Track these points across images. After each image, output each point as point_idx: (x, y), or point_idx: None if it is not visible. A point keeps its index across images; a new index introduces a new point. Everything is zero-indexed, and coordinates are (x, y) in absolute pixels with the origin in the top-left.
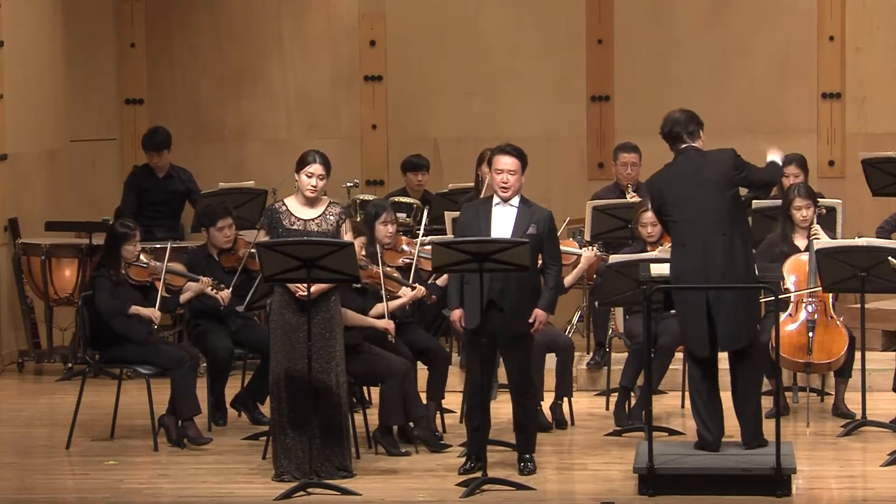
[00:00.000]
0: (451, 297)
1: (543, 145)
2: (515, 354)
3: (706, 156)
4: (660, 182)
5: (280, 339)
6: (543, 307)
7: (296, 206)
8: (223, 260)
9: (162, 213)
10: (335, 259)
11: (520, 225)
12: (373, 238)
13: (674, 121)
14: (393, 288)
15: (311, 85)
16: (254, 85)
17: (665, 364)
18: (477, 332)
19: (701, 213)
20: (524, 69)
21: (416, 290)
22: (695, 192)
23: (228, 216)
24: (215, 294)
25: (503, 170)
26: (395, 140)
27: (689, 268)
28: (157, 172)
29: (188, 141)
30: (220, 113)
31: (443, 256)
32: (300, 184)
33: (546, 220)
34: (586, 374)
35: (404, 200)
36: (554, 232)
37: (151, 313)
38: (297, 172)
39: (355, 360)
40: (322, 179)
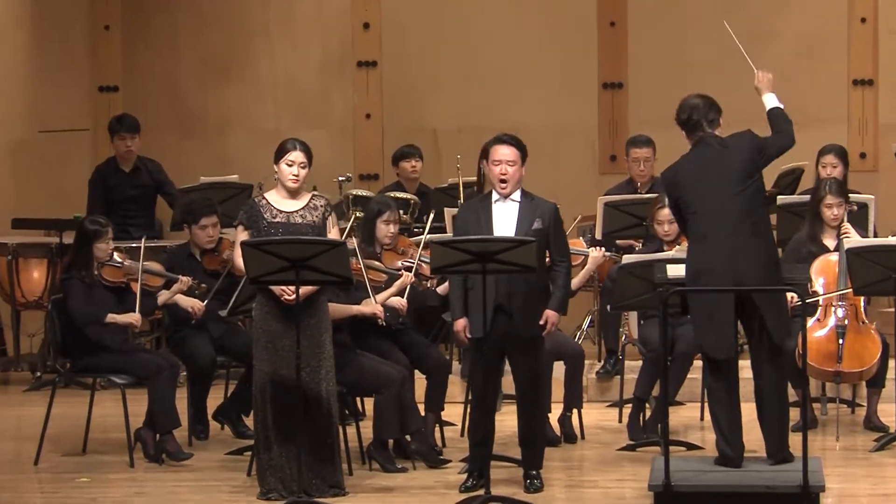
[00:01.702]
0: (454, 306)
1: (551, 136)
2: (525, 361)
3: (727, 143)
4: (677, 174)
5: (264, 346)
6: (555, 307)
7: (277, 199)
8: (206, 261)
9: (134, 211)
10: (327, 259)
11: (523, 221)
12: (372, 237)
13: (692, 107)
14: (377, 278)
15: (299, 71)
16: (238, 71)
17: (683, 373)
18: (483, 340)
19: (724, 204)
20: (530, 54)
21: (404, 276)
22: (717, 182)
23: (213, 214)
24: (189, 307)
25: (501, 160)
26: (391, 131)
27: (712, 262)
28: (122, 166)
29: (167, 132)
30: (202, 102)
31: (442, 257)
32: (280, 175)
33: (551, 214)
34: (597, 383)
35: (400, 196)
36: (560, 225)
37: (130, 319)
38: (276, 163)
39: (347, 369)
40: (304, 168)
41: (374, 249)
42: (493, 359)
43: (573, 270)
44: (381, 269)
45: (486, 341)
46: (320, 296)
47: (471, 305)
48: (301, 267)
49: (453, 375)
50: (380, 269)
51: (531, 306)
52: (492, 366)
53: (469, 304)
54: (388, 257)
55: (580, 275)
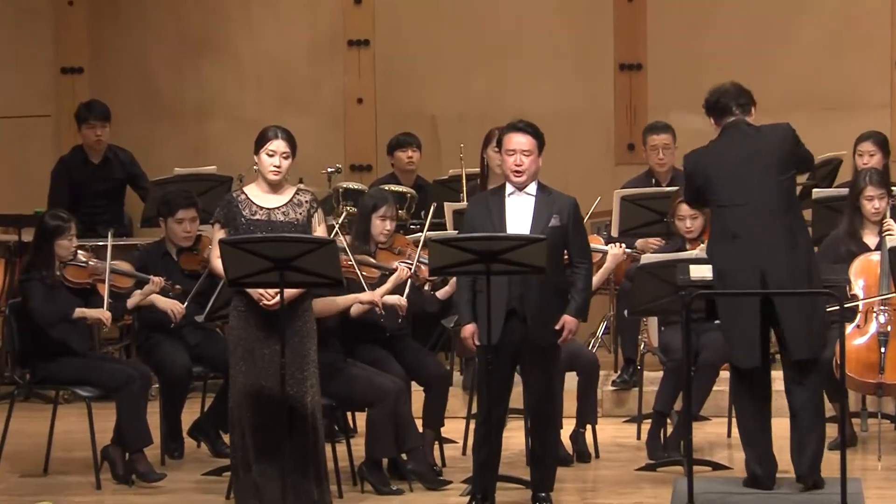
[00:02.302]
0: (462, 310)
1: (562, 123)
2: (539, 372)
3: (760, 130)
4: (704, 158)
5: (241, 356)
6: (573, 313)
7: (257, 194)
8: (183, 261)
9: (102, 206)
10: (314, 259)
11: (539, 216)
12: (367, 234)
13: (722, 91)
14: (370, 275)
15: (284, 51)
16: (216, 52)
17: (708, 385)
18: (494, 348)
19: (757, 197)
20: (539, 32)
21: (399, 270)
22: (749, 172)
23: (192, 207)
24: (168, 310)
25: (516, 150)
26: (385, 117)
27: (743, 263)
28: (91, 157)
29: (136, 119)
30: (176, 85)
31: (442, 256)
32: (261, 166)
33: (570, 210)
34: (613, 396)
35: (396, 189)
36: (580, 222)
37: (100, 314)
38: (256, 153)
39: (336, 380)
40: (287, 159)
41: (368, 248)
42: (504, 368)
43: None
44: (372, 265)
45: (496, 349)
46: (305, 299)
47: (480, 310)
48: (286, 268)
49: (454, 388)
50: (372, 264)
51: (547, 311)
52: (502, 376)
53: (479, 308)
54: (384, 257)
55: (597, 274)
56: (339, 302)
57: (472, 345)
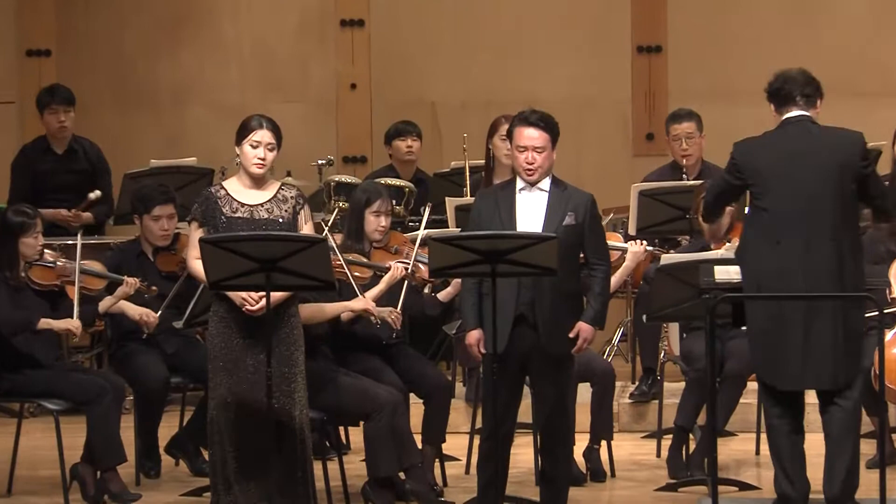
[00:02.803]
0: (467, 315)
1: (574, 111)
2: (550, 383)
3: (826, 132)
4: (755, 150)
5: (222, 366)
6: (589, 320)
7: (238, 189)
8: (160, 261)
9: (69, 201)
10: (304, 259)
11: (553, 214)
12: (360, 231)
13: (787, 77)
14: (362, 275)
15: (270, 32)
16: (196, 33)
17: (734, 397)
18: (499, 358)
19: (808, 207)
20: (549, 12)
21: (392, 269)
22: (805, 176)
23: (169, 203)
24: (140, 318)
25: (527, 147)
26: (381, 104)
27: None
28: (54, 146)
29: (109, 106)
30: (152, 69)
31: (443, 256)
32: (243, 158)
33: (586, 207)
34: (631, 409)
35: (393, 183)
36: (598, 220)
37: (68, 325)
38: (238, 144)
39: (326, 391)
40: (272, 150)
41: (362, 246)
42: (512, 379)
43: None
44: (363, 265)
45: (503, 358)
46: (292, 305)
47: (486, 315)
48: (272, 269)
49: (457, 400)
50: (363, 264)
51: (560, 317)
52: (510, 387)
53: (485, 313)
54: (380, 256)
55: (615, 275)
56: (328, 309)
57: (477, 353)
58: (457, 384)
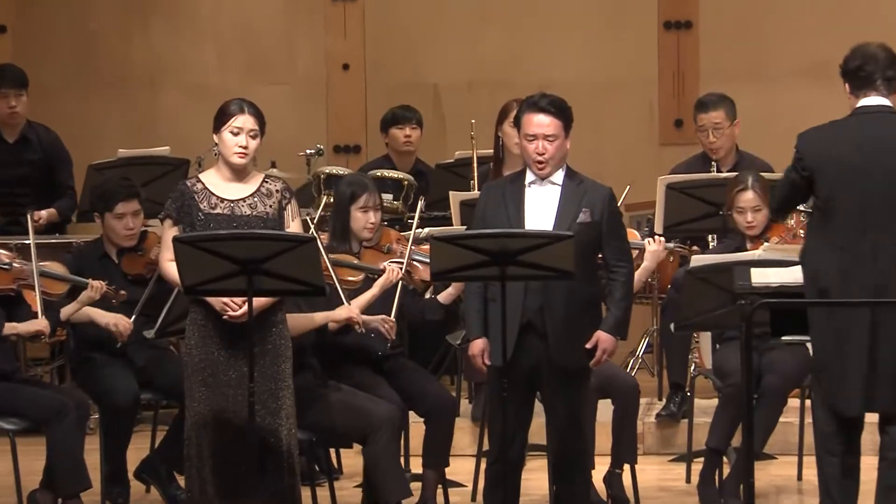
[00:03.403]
0: (470, 322)
1: (594, 95)
2: (564, 400)
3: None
4: (822, 142)
5: (200, 380)
6: (610, 329)
7: (216, 182)
8: (126, 263)
9: (23, 196)
10: (291, 260)
11: (566, 210)
12: (345, 231)
13: (867, 55)
14: (353, 278)
15: (252, 7)
16: (170, 7)
17: (773, 415)
18: (506, 372)
19: (880, 208)
20: None
21: (387, 272)
22: (878, 175)
23: (133, 198)
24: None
25: (537, 135)
26: (377, 86)
27: (845, 281)
28: (5, 134)
29: (71, 88)
30: (121, 48)
31: (446, 257)
32: (223, 147)
33: (605, 202)
34: (657, 430)
35: (389, 175)
36: (618, 217)
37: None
38: (216, 132)
39: (316, 409)
40: (255, 138)
41: (348, 248)
42: (521, 395)
43: None
44: (354, 267)
45: (509, 371)
46: (278, 311)
47: (492, 322)
48: (255, 271)
49: (462, 419)
50: (353, 266)
51: (575, 326)
52: (518, 404)
53: (490, 320)
54: (371, 257)
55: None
56: (317, 318)
57: (481, 364)
58: (462, 401)
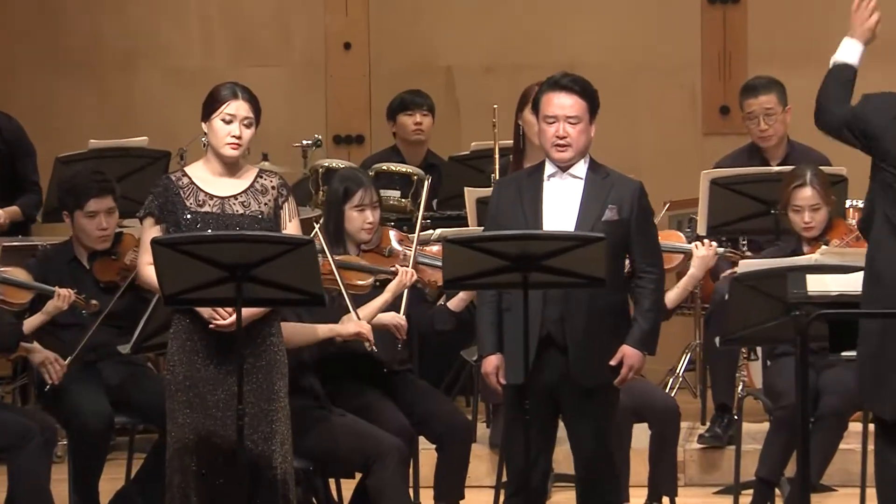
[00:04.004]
0: (483, 335)
1: (627, 78)
2: (588, 424)
3: None
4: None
5: (185, 400)
6: (636, 343)
7: (205, 177)
8: (98, 269)
9: None
10: (284, 265)
11: (589, 206)
12: (340, 233)
13: None
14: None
15: None
16: None
17: (832, 442)
18: (524, 390)
19: None
20: None
21: (400, 274)
22: None
23: (108, 194)
24: (42, 364)
25: (558, 117)
26: (382, 69)
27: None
28: None
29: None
30: (93, 26)
31: (460, 263)
32: (213, 137)
33: (633, 197)
34: (700, 457)
35: (397, 169)
36: (648, 215)
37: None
38: (206, 120)
39: (314, 433)
40: (249, 127)
41: (344, 252)
42: (542, 418)
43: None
44: (363, 269)
45: (527, 390)
46: (272, 323)
47: (508, 335)
48: (245, 278)
49: (478, 445)
50: (361, 267)
51: (599, 339)
52: (539, 428)
53: (506, 333)
54: (371, 261)
55: (678, 287)
56: (320, 332)
57: (496, 383)
58: (479, 425)
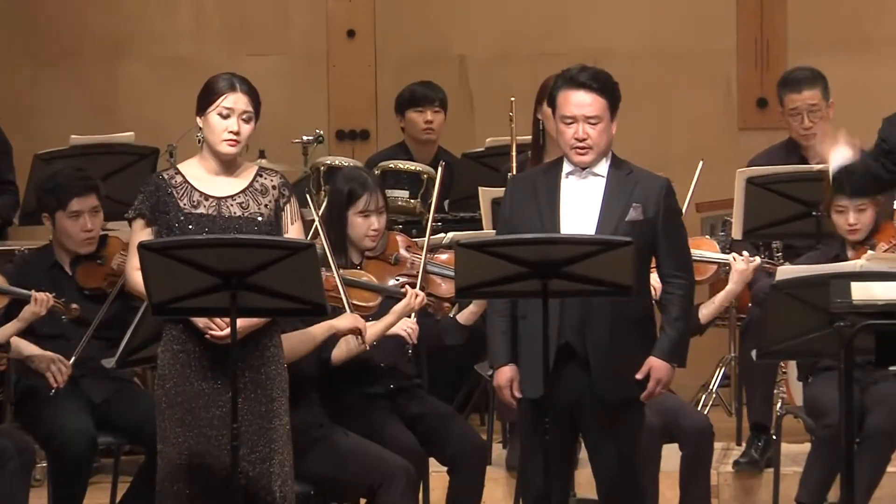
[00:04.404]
0: (495, 345)
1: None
2: (612, 442)
3: None
4: None
5: (177, 418)
6: (663, 354)
7: (200, 175)
8: (81, 275)
9: None
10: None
11: (611, 205)
12: (342, 239)
13: None
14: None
15: None
16: None
17: (880, 463)
18: (542, 406)
19: None
20: None
21: (409, 296)
22: None
23: (91, 193)
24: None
25: (576, 117)
26: (389, 58)
27: None
28: None
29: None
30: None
31: (473, 269)
32: (209, 133)
33: (660, 196)
34: (736, 481)
35: (405, 167)
36: (677, 216)
37: None
38: (201, 114)
39: (316, 454)
40: (248, 122)
41: (346, 260)
42: (561, 436)
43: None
44: (371, 288)
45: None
46: (271, 335)
47: (523, 345)
48: (240, 286)
49: (494, 468)
50: (369, 286)
51: (623, 349)
52: (557, 448)
53: (521, 342)
54: (376, 270)
55: (714, 302)
56: (317, 333)
57: (510, 398)
58: (494, 446)
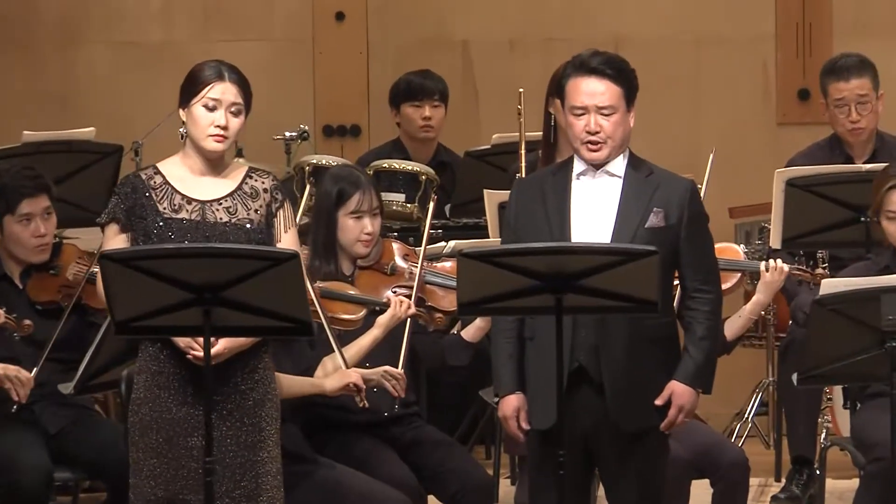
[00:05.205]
0: (500, 371)
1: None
2: (631, 479)
3: None
4: None
5: (152, 449)
6: (687, 378)
7: (183, 175)
8: (32, 288)
9: None
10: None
11: (629, 210)
12: (331, 245)
13: None
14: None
15: None
16: None
17: None
18: (553, 438)
19: None
20: None
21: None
22: None
23: (43, 193)
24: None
25: (588, 108)
26: (383, 46)
27: None
28: None
29: None
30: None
31: (477, 283)
32: (192, 127)
33: (683, 199)
34: None
35: (401, 167)
36: (702, 222)
37: None
38: (184, 106)
39: (301, 490)
40: (237, 115)
41: (336, 269)
42: (574, 471)
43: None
44: (350, 299)
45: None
46: (259, 356)
47: (532, 370)
48: (214, 301)
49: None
50: (348, 297)
51: (642, 373)
52: (571, 484)
53: (529, 367)
54: (368, 282)
55: (742, 314)
56: (294, 387)
57: (516, 429)
58: (501, 482)
